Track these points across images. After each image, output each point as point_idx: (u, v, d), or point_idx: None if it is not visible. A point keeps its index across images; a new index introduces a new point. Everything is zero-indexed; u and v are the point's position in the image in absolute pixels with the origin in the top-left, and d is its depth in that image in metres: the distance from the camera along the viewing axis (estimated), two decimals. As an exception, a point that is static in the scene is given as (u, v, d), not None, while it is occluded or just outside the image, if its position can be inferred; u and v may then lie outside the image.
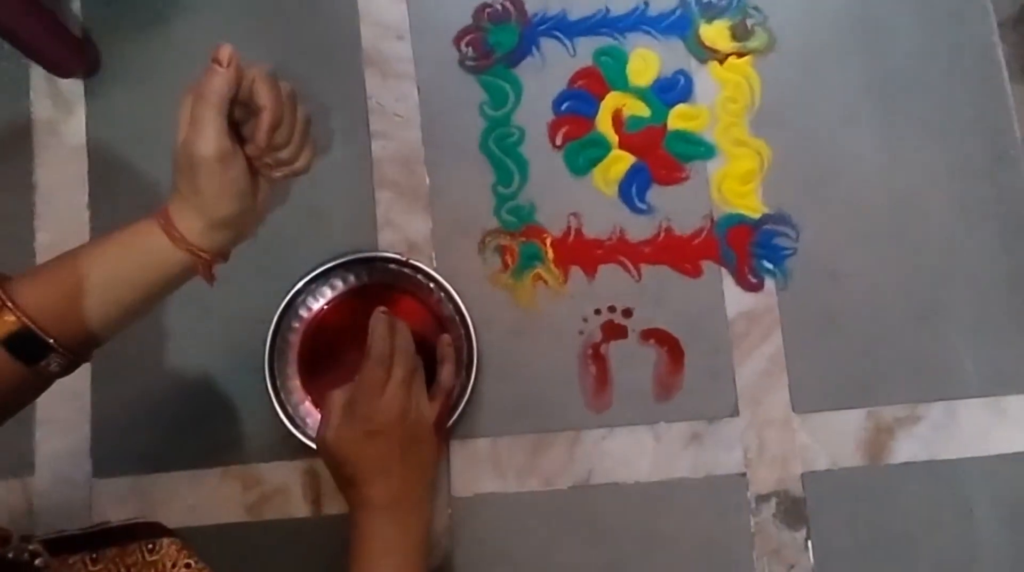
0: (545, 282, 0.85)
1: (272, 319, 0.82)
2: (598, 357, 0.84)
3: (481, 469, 0.83)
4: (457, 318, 0.83)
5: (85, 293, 0.60)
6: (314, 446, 0.79)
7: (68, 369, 0.61)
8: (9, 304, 0.57)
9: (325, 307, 0.84)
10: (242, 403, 0.84)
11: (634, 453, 0.83)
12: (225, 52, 0.58)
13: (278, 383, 0.82)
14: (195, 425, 0.84)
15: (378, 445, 0.69)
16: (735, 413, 0.83)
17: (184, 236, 0.60)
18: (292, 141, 0.62)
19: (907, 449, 0.82)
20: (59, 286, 0.60)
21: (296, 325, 0.84)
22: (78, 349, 0.60)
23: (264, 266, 0.83)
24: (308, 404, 0.83)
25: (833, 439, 0.83)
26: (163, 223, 0.61)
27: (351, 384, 0.72)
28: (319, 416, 0.82)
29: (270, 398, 0.81)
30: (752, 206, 0.86)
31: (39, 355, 0.59)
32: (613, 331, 0.84)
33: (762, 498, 0.82)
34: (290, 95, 0.62)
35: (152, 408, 0.84)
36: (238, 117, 0.60)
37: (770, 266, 0.85)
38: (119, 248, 0.61)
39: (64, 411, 0.62)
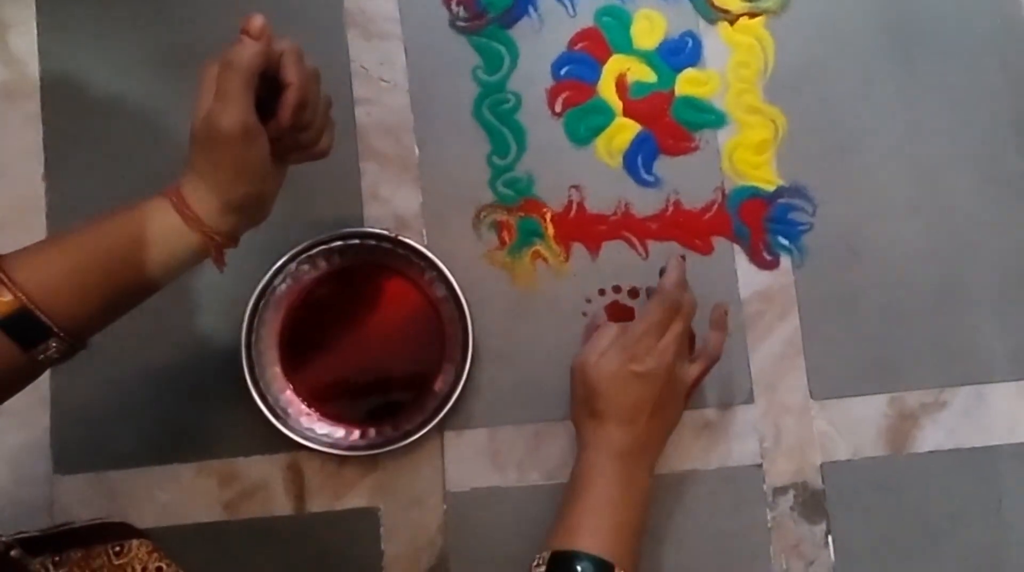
0: (545, 260, 0.80)
1: (248, 302, 0.76)
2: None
3: (478, 462, 0.78)
4: (450, 299, 0.77)
5: (88, 272, 0.57)
6: (301, 441, 0.75)
7: (66, 356, 0.58)
8: (7, 282, 0.54)
9: (307, 289, 0.79)
10: (218, 393, 0.78)
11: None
12: (257, 23, 0.56)
13: (256, 371, 0.76)
14: (166, 416, 0.79)
15: (640, 388, 0.66)
16: (749, 400, 0.79)
17: (198, 216, 0.58)
18: (314, 123, 0.61)
19: (932, 437, 0.78)
20: (61, 265, 0.56)
21: (275, 309, 0.78)
22: (78, 334, 0.57)
23: (239, 245, 0.75)
24: (289, 393, 0.77)
25: (854, 427, 0.79)
26: (176, 201, 0.58)
27: (623, 323, 0.69)
28: (301, 407, 0.77)
29: (248, 387, 0.75)
30: (766, 178, 0.81)
31: (38, 338, 0.55)
32: (619, 312, 0.79)
33: (779, 490, 0.78)
34: (315, 74, 0.60)
35: (119, 398, 0.79)
36: (260, 94, 0.57)
37: (786, 242, 0.80)
38: (126, 226, 0.58)
39: (19, 401, 0.57)
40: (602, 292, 0.80)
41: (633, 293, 0.80)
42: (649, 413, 0.66)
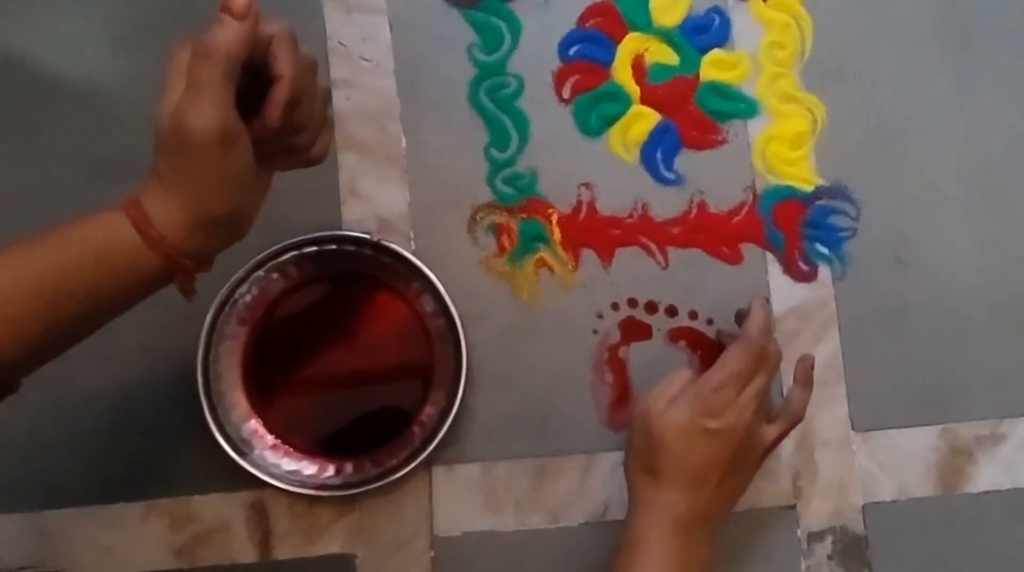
0: (550, 269, 0.72)
1: (206, 317, 0.67)
2: (616, 362, 0.71)
3: (471, 502, 0.70)
4: (441, 314, 0.69)
5: (22, 303, 0.48)
6: (265, 478, 0.66)
7: None
8: None
9: (274, 302, 0.70)
10: (170, 421, 0.69)
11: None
12: (241, 0, 0.47)
13: (214, 396, 0.67)
14: (110, 448, 0.70)
15: (711, 448, 0.59)
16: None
17: (163, 235, 0.49)
18: (309, 124, 0.52)
19: (989, 475, 0.71)
20: None
21: (238, 325, 0.69)
22: (7, 376, 0.51)
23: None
24: (253, 422, 0.68)
25: (900, 463, 0.71)
26: (135, 216, 0.49)
27: (694, 372, 0.62)
28: (267, 438, 0.68)
29: (204, 415, 0.66)
30: (803, 176, 0.73)
31: None
32: (634, 330, 0.71)
33: (815, 536, 0.70)
34: (311, 65, 0.51)
35: (55, 427, 0.69)
36: (243, 88, 0.48)
37: (825, 251, 0.72)
38: (71, 245, 0.49)
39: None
40: (616, 306, 0.71)
41: (651, 308, 0.71)
42: (718, 479, 0.59)
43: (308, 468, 0.68)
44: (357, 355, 0.70)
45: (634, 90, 0.73)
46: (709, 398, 0.59)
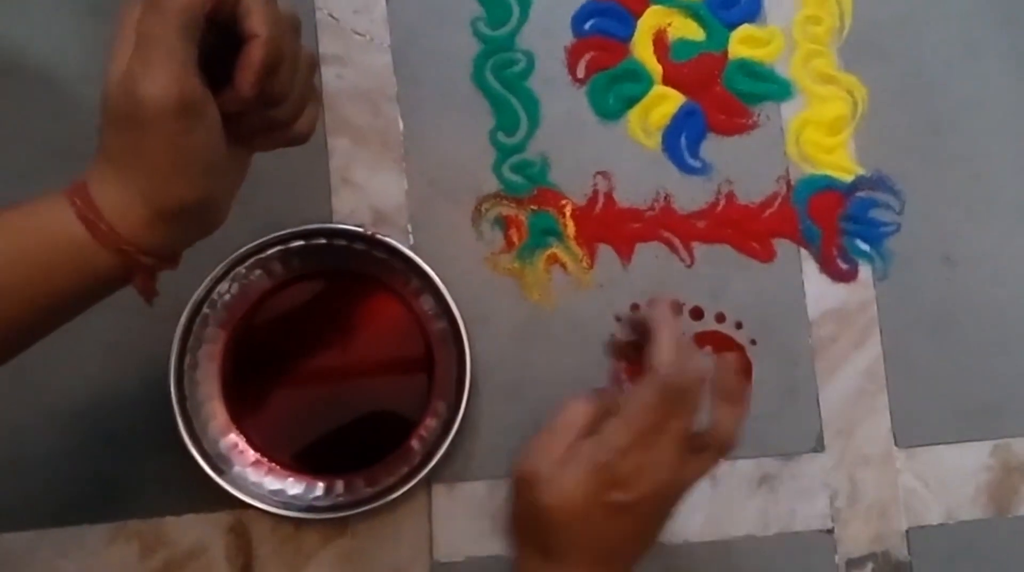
0: (563, 266, 0.66)
1: (181, 318, 0.61)
2: (635, 371, 0.63)
3: (474, 524, 0.64)
4: (443, 316, 0.63)
5: None
6: (246, 499, 0.60)
7: None
8: None
9: (257, 302, 0.64)
10: (140, 434, 0.64)
11: (683, 502, 0.63)
12: None
13: (190, 407, 0.61)
14: (72, 464, 0.64)
15: (621, 524, 0.47)
16: (819, 448, 0.65)
17: (114, 229, 0.42)
18: (290, 94, 0.45)
19: None
20: None
21: (217, 327, 0.63)
22: None
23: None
24: (233, 436, 0.62)
25: (948, 482, 0.66)
26: (81, 206, 0.42)
27: (601, 404, 0.48)
28: (249, 453, 0.62)
29: (178, 428, 0.60)
30: (842, 165, 0.68)
31: None
32: None
33: (854, 563, 0.64)
34: (291, 23, 0.44)
35: (11, 441, 0.64)
36: (211, 49, 0.42)
37: (866, 247, 0.67)
38: (5, 239, 0.43)
39: None
40: (635, 308, 0.66)
41: (674, 309, 0.65)
42: (632, 555, 0.48)
43: (294, 487, 0.62)
44: (349, 362, 0.64)
45: (656, 69, 0.67)
46: (614, 464, 0.45)
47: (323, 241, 0.63)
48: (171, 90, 0.39)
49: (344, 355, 0.64)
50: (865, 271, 0.67)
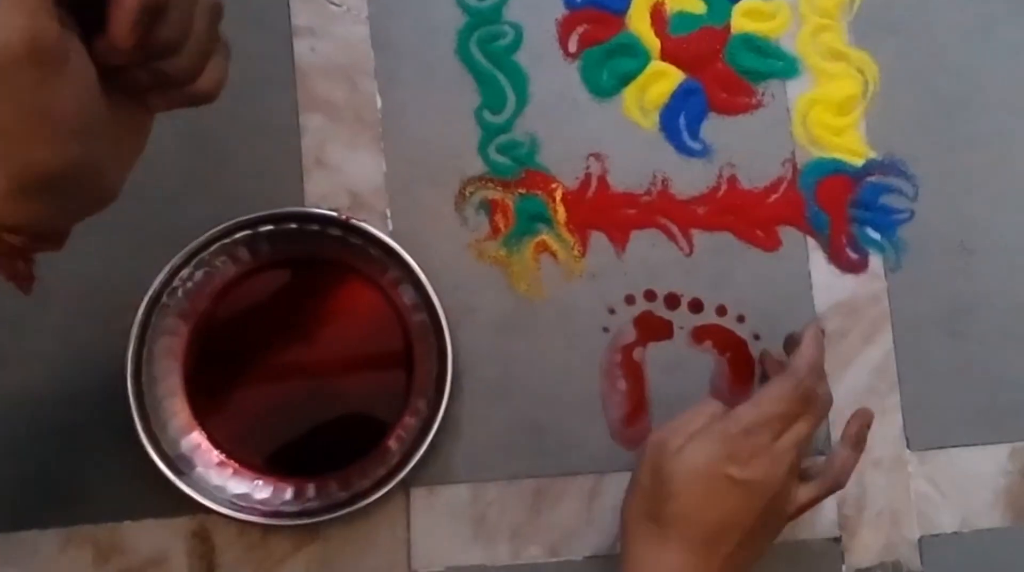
0: (553, 255, 0.62)
1: (138, 309, 0.57)
2: (630, 366, 0.62)
3: (457, 531, 0.61)
4: (423, 307, 0.60)
5: None
6: (208, 503, 0.57)
7: None
8: None
9: (222, 292, 0.60)
10: (94, 434, 0.60)
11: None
12: None
13: (148, 404, 0.57)
14: (21, 465, 0.60)
15: (733, 502, 0.50)
16: (826, 450, 0.62)
17: None
18: (184, 42, 0.38)
19: None
20: None
21: (178, 318, 0.59)
22: None
23: (128, 227, 0.60)
24: (196, 436, 0.59)
25: (963, 488, 0.62)
26: None
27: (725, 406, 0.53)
28: (212, 454, 0.59)
29: (135, 426, 0.57)
30: (852, 148, 0.64)
31: None
32: (652, 328, 0.62)
33: None
34: None
35: None
36: None
37: (877, 236, 0.63)
38: None
39: None
40: (630, 300, 0.62)
41: (672, 302, 0.62)
42: (736, 542, 0.49)
43: (261, 491, 0.58)
44: (322, 356, 0.60)
45: (653, 43, 0.64)
46: (738, 440, 0.50)
47: (294, 226, 0.60)
48: (19, 33, 0.32)
49: (316, 349, 0.60)
50: (876, 261, 0.63)
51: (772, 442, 0.50)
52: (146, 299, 0.57)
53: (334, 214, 0.59)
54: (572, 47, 0.64)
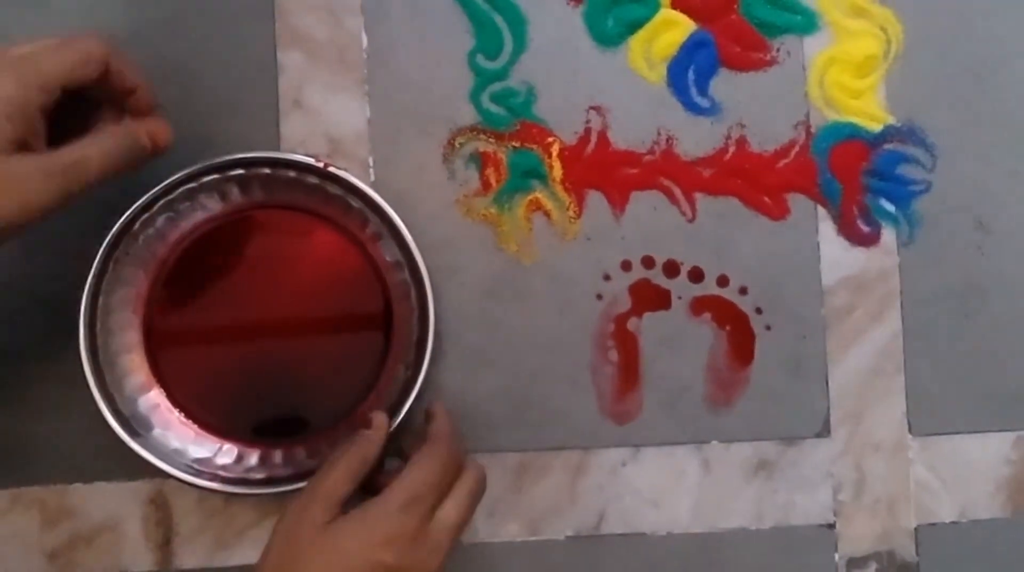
0: (547, 214, 0.58)
1: (95, 256, 0.52)
2: (624, 336, 0.58)
3: None
4: (404, 266, 0.55)
5: None
6: (165, 467, 0.52)
7: None
8: None
9: (187, 239, 0.55)
10: (44, 390, 0.56)
11: (670, 488, 0.58)
12: None
13: (102, 358, 0.53)
14: None
15: None
16: (824, 432, 0.59)
17: None
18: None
19: None
20: None
21: (137, 267, 0.54)
22: None
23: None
24: (155, 394, 0.54)
25: (965, 476, 0.60)
26: None
27: (351, 451, 0.48)
28: (171, 414, 0.54)
29: (88, 383, 0.52)
30: (870, 112, 0.60)
31: None
32: (649, 297, 0.58)
33: (856, 562, 0.58)
34: None
35: None
36: None
37: (891, 208, 0.59)
38: None
39: None
40: (627, 266, 0.58)
41: (671, 270, 0.58)
42: None
43: (224, 456, 0.54)
44: (294, 314, 0.56)
45: None
46: (394, 519, 0.45)
47: (267, 171, 0.54)
48: None
49: (288, 306, 0.56)
50: (888, 235, 0.59)
51: (429, 517, 0.46)
52: (103, 246, 0.52)
53: (311, 160, 0.54)
54: (576, -11, 0.59)
